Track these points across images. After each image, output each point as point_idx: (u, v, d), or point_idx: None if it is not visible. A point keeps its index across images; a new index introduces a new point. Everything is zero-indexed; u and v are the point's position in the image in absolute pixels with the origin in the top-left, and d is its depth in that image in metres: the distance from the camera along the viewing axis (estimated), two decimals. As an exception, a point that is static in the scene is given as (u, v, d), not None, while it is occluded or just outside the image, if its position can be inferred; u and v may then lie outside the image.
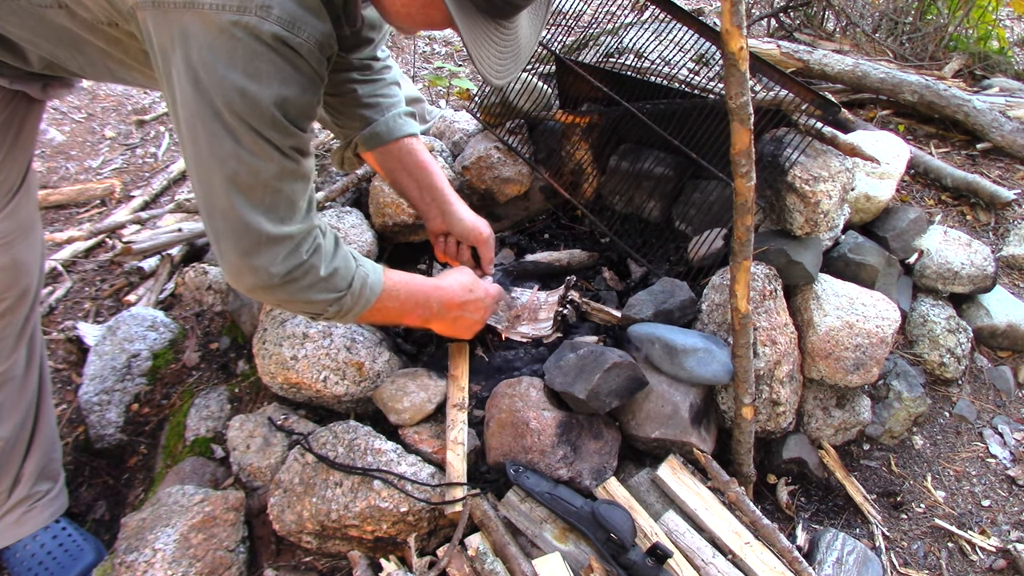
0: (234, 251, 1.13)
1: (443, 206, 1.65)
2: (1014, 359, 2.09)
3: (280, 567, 1.55)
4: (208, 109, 1.02)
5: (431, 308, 1.48)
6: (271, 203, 1.12)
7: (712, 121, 1.75)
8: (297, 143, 1.12)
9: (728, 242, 1.72)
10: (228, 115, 1.02)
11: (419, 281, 1.49)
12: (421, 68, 3.80)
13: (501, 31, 1.05)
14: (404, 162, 1.62)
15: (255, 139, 1.05)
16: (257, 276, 1.15)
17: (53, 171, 2.99)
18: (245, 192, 1.09)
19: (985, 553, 1.67)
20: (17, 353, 1.59)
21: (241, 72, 1.00)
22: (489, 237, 1.69)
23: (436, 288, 1.49)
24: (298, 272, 1.18)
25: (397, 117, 1.59)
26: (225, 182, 1.07)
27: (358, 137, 1.59)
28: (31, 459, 1.67)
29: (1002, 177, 2.51)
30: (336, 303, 1.26)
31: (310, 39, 1.04)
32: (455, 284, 1.54)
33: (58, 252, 2.53)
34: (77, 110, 3.34)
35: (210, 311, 2.14)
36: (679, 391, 1.58)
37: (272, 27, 0.99)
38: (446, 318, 1.52)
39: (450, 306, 1.51)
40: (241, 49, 0.99)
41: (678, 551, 1.41)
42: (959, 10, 3.36)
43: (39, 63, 1.31)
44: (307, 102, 1.10)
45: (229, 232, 1.12)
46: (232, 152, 1.05)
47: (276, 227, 1.13)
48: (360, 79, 1.55)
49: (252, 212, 1.10)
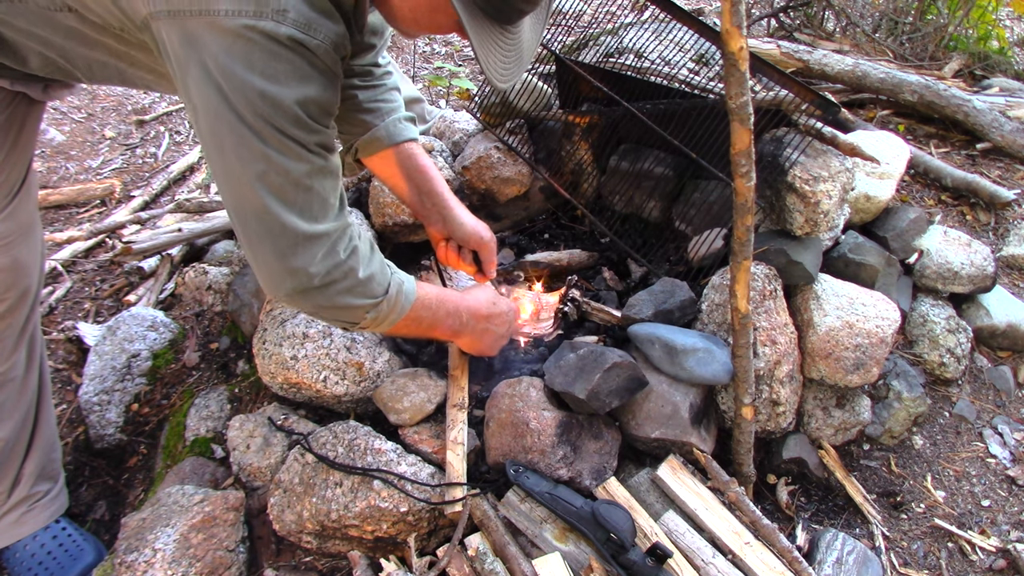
0: (271, 254, 1.13)
1: (443, 211, 1.66)
2: (1014, 359, 2.09)
3: (280, 567, 1.55)
4: (232, 114, 1.02)
5: (461, 319, 1.48)
6: (304, 202, 1.12)
7: (712, 121, 1.75)
8: (322, 139, 1.12)
9: (728, 242, 1.72)
10: (252, 118, 1.02)
11: (448, 292, 1.51)
12: (421, 68, 3.80)
13: (506, 36, 1.06)
14: (404, 167, 1.63)
15: (281, 139, 1.05)
16: (296, 278, 1.15)
17: (53, 171, 2.99)
18: (277, 193, 1.09)
19: (985, 553, 1.67)
20: (17, 354, 1.59)
21: (260, 74, 1.00)
22: (491, 241, 1.69)
23: (464, 299, 1.50)
24: (337, 273, 1.18)
25: (397, 122, 1.60)
26: (256, 184, 1.08)
27: (358, 142, 1.59)
28: (31, 459, 1.67)
29: (1002, 177, 2.51)
30: (374, 309, 1.26)
31: (326, 40, 1.04)
32: (481, 297, 1.55)
33: (58, 252, 2.53)
34: (77, 110, 3.34)
35: (210, 311, 2.14)
36: (679, 391, 1.58)
37: (288, 30, 0.99)
38: (475, 330, 1.53)
39: (478, 317, 1.51)
40: (258, 52, 0.99)
41: (678, 551, 1.41)
42: (959, 10, 3.36)
43: (39, 66, 1.30)
44: (327, 99, 1.10)
45: (264, 234, 1.12)
46: (260, 154, 1.05)
47: (311, 225, 1.13)
48: (361, 84, 1.55)
49: (286, 212, 1.10)
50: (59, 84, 1.44)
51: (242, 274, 2.04)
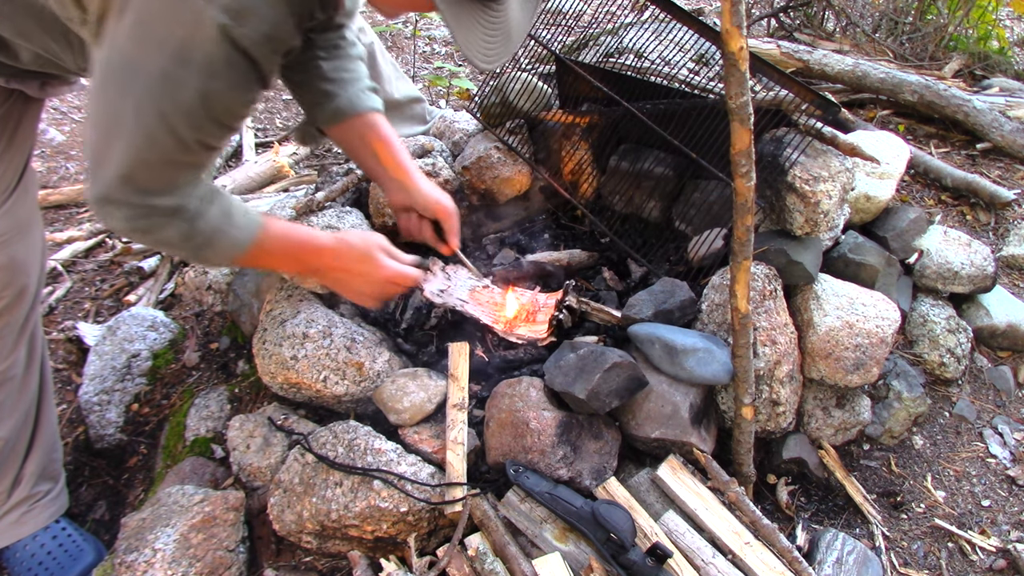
0: (103, 186, 1.10)
1: (404, 180, 1.62)
2: (1014, 359, 2.09)
3: (280, 567, 1.55)
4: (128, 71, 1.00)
5: (306, 263, 1.45)
6: (147, 179, 1.09)
7: (712, 121, 1.75)
8: (205, 138, 1.10)
9: (728, 242, 1.72)
10: (145, 86, 1.00)
11: (303, 233, 1.45)
12: (421, 68, 3.80)
13: (489, 14, 1.01)
14: (366, 137, 1.59)
15: (160, 122, 1.03)
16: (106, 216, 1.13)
17: (53, 171, 2.99)
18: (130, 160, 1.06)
19: (985, 553, 1.67)
20: (16, 353, 1.59)
21: (171, 55, 0.98)
22: (453, 211, 1.65)
23: (316, 244, 1.44)
24: (143, 224, 1.15)
25: (360, 92, 1.56)
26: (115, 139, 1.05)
27: (320, 112, 1.57)
28: (32, 459, 1.67)
29: (1002, 177, 2.51)
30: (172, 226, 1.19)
31: (255, 32, 1.00)
32: (347, 245, 1.46)
33: (58, 252, 2.53)
34: (77, 110, 3.34)
35: (210, 311, 2.14)
36: (679, 391, 1.58)
37: (217, 15, 0.95)
38: (326, 277, 1.50)
39: (329, 267, 1.46)
40: (179, 30, 0.96)
41: (678, 551, 1.41)
42: (959, 10, 3.36)
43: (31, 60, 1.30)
44: (235, 99, 1.07)
45: (99, 176, 1.09)
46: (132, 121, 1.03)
47: (140, 199, 1.11)
48: (324, 56, 1.53)
49: (124, 178, 1.08)
50: (56, 81, 1.43)
51: (242, 274, 2.04)
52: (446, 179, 2.07)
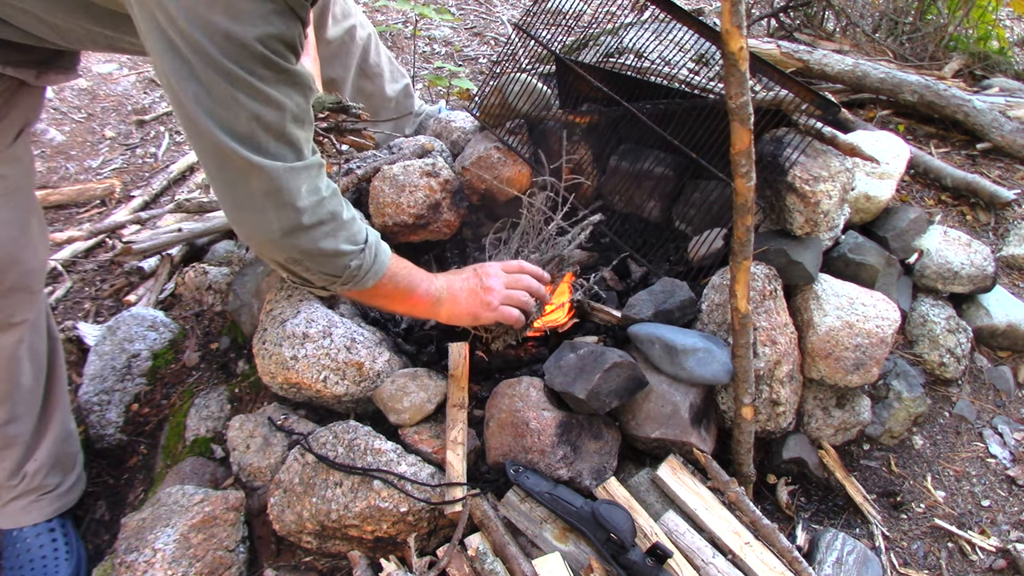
0: (257, 193, 1.09)
1: None
2: (1014, 359, 2.09)
3: (280, 567, 1.55)
4: (198, 57, 1.00)
5: (435, 281, 1.46)
6: (277, 146, 1.09)
7: (712, 121, 1.75)
8: (291, 78, 1.10)
9: (728, 242, 1.72)
10: (221, 59, 1.00)
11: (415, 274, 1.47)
12: (421, 68, 3.80)
13: None
14: None
15: (250, 82, 1.03)
16: (284, 216, 1.11)
17: (53, 171, 2.99)
18: (247, 138, 1.06)
19: (985, 553, 1.67)
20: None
21: (222, 14, 0.98)
22: None
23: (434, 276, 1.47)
24: (323, 213, 1.15)
25: None
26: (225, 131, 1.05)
27: None
28: (42, 447, 1.66)
29: (1002, 177, 2.51)
30: (357, 256, 1.22)
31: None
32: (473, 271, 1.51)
33: (58, 252, 2.53)
34: (77, 110, 3.34)
35: (210, 311, 2.14)
36: (679, 391, 1.58)
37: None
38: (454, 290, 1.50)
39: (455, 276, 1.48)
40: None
41: (678, 551, 1.41)
42: (959, 10, 3.36)
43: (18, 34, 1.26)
44: (291, 36, 1.08)
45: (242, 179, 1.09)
46: (230, 98, 1.03)
47: (291, 163, 1.10)
48: None
49: (263, 158, 1.07)
50: (53, 70, 1.40)
51: (242, 274, 2.04)
52: (446, 179, 2.07)
